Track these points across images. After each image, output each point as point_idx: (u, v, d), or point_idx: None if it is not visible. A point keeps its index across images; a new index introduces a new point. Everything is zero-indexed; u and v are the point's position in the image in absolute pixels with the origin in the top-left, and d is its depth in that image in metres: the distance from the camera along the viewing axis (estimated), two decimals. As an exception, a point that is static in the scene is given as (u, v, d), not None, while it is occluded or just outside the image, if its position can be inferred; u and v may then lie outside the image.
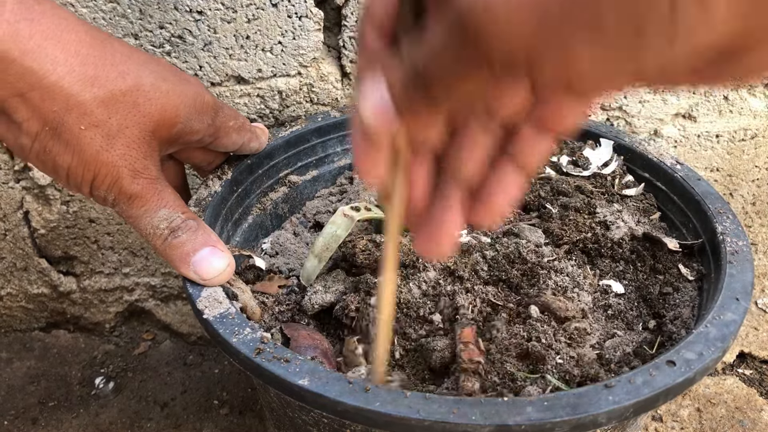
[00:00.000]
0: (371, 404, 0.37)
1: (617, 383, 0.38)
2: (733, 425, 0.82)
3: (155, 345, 0.92)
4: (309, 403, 0.39)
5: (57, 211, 0.81)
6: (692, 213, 0.56)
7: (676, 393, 0.39)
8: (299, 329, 0.50)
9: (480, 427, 0.36)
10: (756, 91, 0.77)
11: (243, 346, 0.41)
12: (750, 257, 0.48)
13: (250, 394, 0.85)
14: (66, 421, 0.81)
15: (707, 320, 0.43)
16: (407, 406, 0.36)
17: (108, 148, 0.44)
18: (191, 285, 0.46)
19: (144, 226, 0.47)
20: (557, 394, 0.37)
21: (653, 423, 0.83)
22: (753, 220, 0.87)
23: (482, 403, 0.37)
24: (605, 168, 0.61)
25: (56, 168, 0.44)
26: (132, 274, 0.88)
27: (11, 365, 0.89)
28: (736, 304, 0.44)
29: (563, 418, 0.36)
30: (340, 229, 0.53)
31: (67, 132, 0.43)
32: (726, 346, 0.41)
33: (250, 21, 0.68)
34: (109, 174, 0.45)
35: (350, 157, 0.69)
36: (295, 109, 0.74)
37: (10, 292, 0.89)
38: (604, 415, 0.36)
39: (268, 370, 0.39)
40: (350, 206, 0.55)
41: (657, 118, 0.77)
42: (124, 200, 0.46)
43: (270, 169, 0.63)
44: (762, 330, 0.93)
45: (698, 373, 0.39)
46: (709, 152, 0.81)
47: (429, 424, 0.36)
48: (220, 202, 0.56)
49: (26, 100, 0.41)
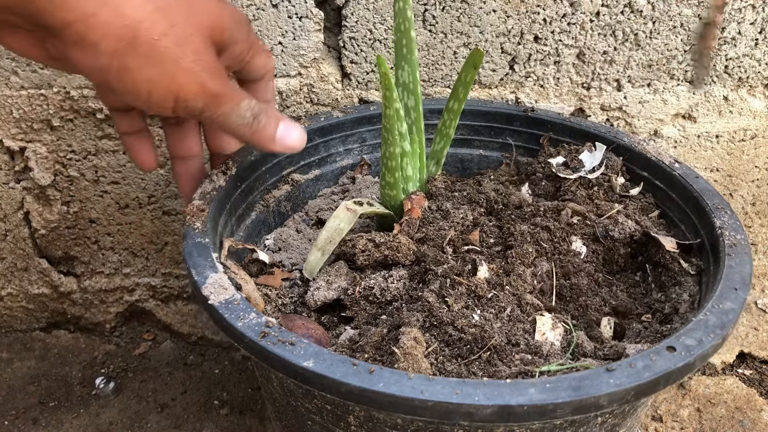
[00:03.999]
0: (375, 385, 0.37)
1: (618, 367, 0.38)
2: (733, 425, 0.82)
3: (155, 345, 0.93)
4: (313, 384, 0.39)
5: (57, 211, 0.81)
6: (691, 209, 0.56)
7: (676, 378, 0.40)
8: (295, 319, 0.50)
9: (483, 408, 0.36)
10: (756, 91, 0.77)
11: (248, 330, 0.41)
12: (748, 250, 0.49)
13: (250, 394, 0.85)
14: (66, 421, 0.81)
15: (706, 308, 0.44)
16: (410, 386, 0.37)
17: (182, 55, 0.45)
18: (197, 273, 0.47)
19: (233, 120, 0.49)
20: (559, 377, 0.38)
21: (653, 423, 0.83)
22: (753, 220, 0.87)
23: (485, 384, 0.37)
24: (592, 173, 0.61)
25: (137, 86, 0.44)
26: (132, 274, 0.88)
27: (12, 365, 0.89)
28: (735, 293, 0.45)
29: (565, 400, 0.36)
30: (343, 222, 0.54)
31: (143, 44, 0.43)
32: (725, 334, 0.42)
33: (251, 21, 0.68)
34: (192, 80, 0.46)
35: (352, 157, 0.70)
36: (295, 109, 0.74)
37: (10, 293, 0.89)
38: (605, 398, 0.37)
39: (273, 353, 0.40)
40: (353, 201, 0.56)
41: (657, 119, 0.77)
42: (213, 102, 0.48)
43: (273, 166, 0.63)
44: (762, 330, 0.93)
45: (698, 359, 0.40)
46: (709, 152, 0.81)
47: (432, 405, 0.36)
48: (225, 197, 0.57)
49: (98, 18, 0.41)
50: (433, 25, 0.70)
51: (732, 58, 0.73)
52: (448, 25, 0.70)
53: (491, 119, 0.70)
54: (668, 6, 0.69)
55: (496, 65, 0.73)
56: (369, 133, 0.70)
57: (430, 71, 0.73)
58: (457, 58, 0.72)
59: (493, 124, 0.70)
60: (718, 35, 0.69)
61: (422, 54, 0.72)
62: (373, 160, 0.70)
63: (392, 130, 0.53)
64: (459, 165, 0.72)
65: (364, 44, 0.70)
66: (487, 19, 0.70)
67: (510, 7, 0.69)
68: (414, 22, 0.61)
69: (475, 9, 0.69)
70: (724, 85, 0.76)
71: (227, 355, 0.91)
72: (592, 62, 0.73)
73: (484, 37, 0.71)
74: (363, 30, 0.70)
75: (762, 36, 0.72)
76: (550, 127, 0.68)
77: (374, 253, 0.52)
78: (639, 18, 0.70)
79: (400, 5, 0.53)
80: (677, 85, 0.75)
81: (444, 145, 0.61)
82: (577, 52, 0.72)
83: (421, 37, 0.70)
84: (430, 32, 0.70)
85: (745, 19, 0.71)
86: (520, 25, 0.70)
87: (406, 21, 0.54)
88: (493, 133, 0.70)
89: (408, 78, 0.57)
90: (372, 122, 0.69)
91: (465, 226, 0.57)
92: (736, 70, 0.74)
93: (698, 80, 0.67)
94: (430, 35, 0.70)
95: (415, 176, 0.60)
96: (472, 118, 0.70)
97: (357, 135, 0.69)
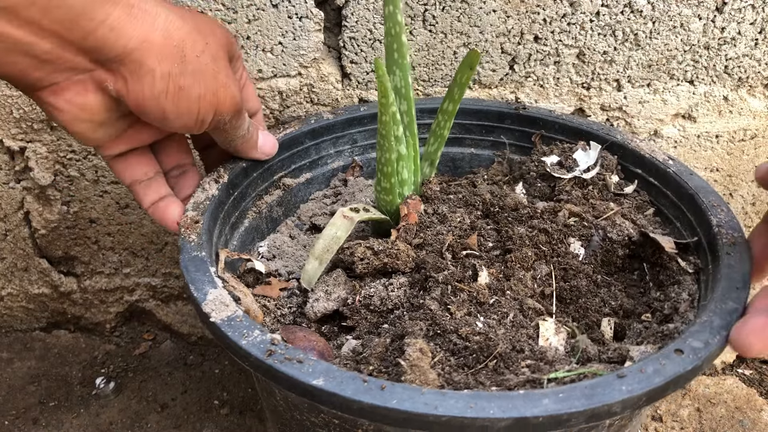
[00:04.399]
0: (388, 402, 0.36)
1: (629, 373, 0.39)
2: (733, 425, 0.82)
3: (156, 345, 0.93)
4: (324, 403, 0.38)
5: (57, 211, 0.81)
6: (686, 207, 0.56)
7: (685, 381, 0.40)
8: (296, 331, 0.50)
9: (498, 421, 0.36)
10: (756, 91, 0.77)
11: (254, 348, 0.41)
12: (747, 248, 0.49)
13: (251, 394, 0.85)
14: (66, 421, 0.81)
15: (710, 309, 0.44)
16: (424, 402, 0.36)
17: (218, 69, 0.47)
18: (196, 289, 0.46)
19: (242, 131, 0.54)
20: (571, 385, 0.38)
21: (653, 423, 0.83)
22: (753, 220, 0.87)
23: (498, 396, 0.37)
24: (587, 173, 0.61)
25: (190, 105, 0.46)
26: (132, 274, 0.88)
27: (12, 365, 0.89)
28: (737, 293, 0.45)
29: (579, 409, 0.36)
30: (340, 230, 0.53)
31: (190, 63, 0.45)
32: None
33: (251, 21, 0.68)
34: (228, 93, 0.48)
35: (343, 159, 0.70)
36: (295, 109, 0.74)
37: (10, 292, 0.89)
38: (619, 405, 0.37)
39: (281, 372, 0.39)
40: (349, 208, 0.55)
41: (657, 119, 0.77)
42: (237, 114, 0.51)
43: (264, 172, 0.63)
44: (762, 330, 0.93)
45: (705, 361, 0.40)
46: (709, 152, 0.81)
47: (447, 420, 0.36)
48: (218, 206, 0.56)
49: (152, 43, 0.43)
50: (433, 25, 0.70)
51: (732, 58, 0.73)
52: (448, 25, 0.70)
53: (483, 117, 0.70)
54: (668, 6, 0.69)
55: (496, 65, 0.73)
56: (360, 134, 0.69)
57: (430, 71, 0.73)
58: (457, 58, 0.72)
59: (484, 122, 0.70)
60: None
61: (422, 54, 0.72)
62: (365, 161, 0.70)
63: (388, 136, 0.53)
64: (450, 164, 0.71)
65: (364, 44, 0.70)
66: (487, 19, 0.70)
67: (510, 7, 0.69)
68: (408, 25, 0.61)
69: (475, 9, 0.69)
70: (724, 85, 0.76)
71: (227, 355, 0.91)
72: (592, 62, 0.73)
73: (484, 37, 0.71)
74: (363, 30, 0.70)
75: (762, 36, 0.72)
76: (542, 125, 0.67)
77: (373, 261, 0.52)
78: (639, 18, 0.70)
79: (390, 9, 0.53)
80: (677, 85, 0.75)
81: (438, 147, 0.61)
82: (577, 52, 0.72)
83: (421, 37, 0.70)
84: (430, 32, 0.70)
85: (745, 19, 0.71)
86: (520, 25, 0.70)
87: (396, 25, 0.53)
88: (485, 131, 0.70)
89: (400, 82, 0.56)
90: (363, 123, 0.69)
91: (463, 230, 0.57)
92: (736, 70, 0.74)
93: None
94: (430, 35, 0.70)
95: (410, 179, 0.59)
96: (463, 117, 0.69)
97: (348, 136, 0.69)
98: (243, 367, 0.89)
